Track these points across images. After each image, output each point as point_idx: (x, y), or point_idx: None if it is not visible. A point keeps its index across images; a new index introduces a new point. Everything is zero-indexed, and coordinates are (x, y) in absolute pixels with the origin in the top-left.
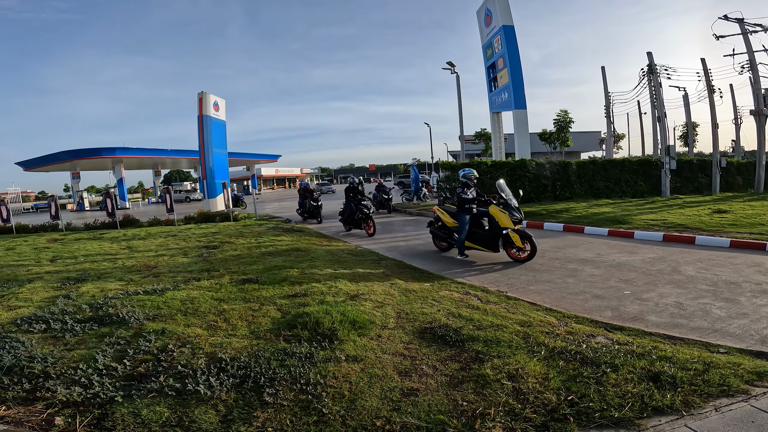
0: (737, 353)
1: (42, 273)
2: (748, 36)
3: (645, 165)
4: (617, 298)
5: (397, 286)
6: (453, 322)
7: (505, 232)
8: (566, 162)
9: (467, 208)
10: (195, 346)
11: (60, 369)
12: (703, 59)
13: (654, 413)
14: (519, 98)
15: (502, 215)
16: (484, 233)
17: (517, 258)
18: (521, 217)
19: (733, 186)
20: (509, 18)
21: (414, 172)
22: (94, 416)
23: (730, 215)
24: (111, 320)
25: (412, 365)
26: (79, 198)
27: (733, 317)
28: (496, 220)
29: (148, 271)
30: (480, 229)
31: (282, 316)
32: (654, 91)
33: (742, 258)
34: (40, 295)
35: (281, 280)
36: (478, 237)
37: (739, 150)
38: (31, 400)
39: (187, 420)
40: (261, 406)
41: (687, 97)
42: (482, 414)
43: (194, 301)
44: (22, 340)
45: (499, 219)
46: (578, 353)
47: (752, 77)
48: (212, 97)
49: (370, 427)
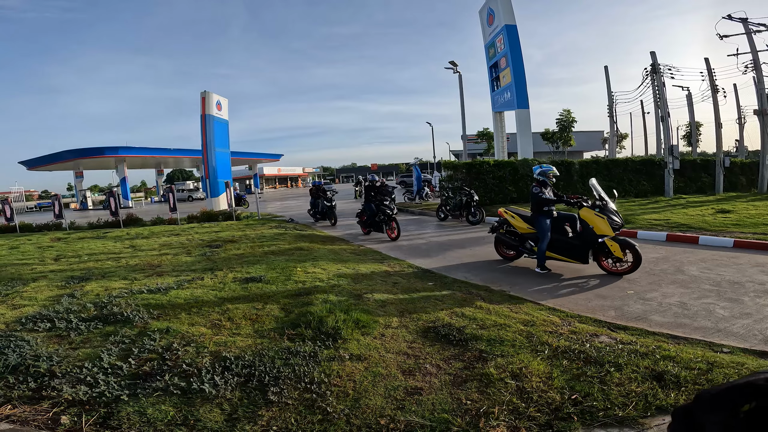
0: (741, 353)
1: (46, 272)
2: (752, 35)
3: (648, 165)
4: (621, 297)
5: (399, 285)
6: (456, 321)
7: (601, 241)
8: (569, 161)
9: (546, 211)
10: (199, 344)
11: (65, 368)
12: (706, 59)
13: (658, 412)
14: (521, 98)
15: (599, 220)
16: (569, 241)
17: (613, 270)
18: (622, 222)
19: (736, 186)
20: (512, 17)
21: (416, 172)
22: (99, 415)
23: (733, 215)
24: (115, 319)
25: (415, 364)
26: (83, 197)
27: (736, 317)
28: (591, 225)
29: (152, 270)
30: (562, 235)
31: (286, 315)
32: (657, 90)
33: (745, 258)
34: (44, 293)
35: (285, 279)
36: (561, 245)
37: (742, 150)
38: (37, 399)
39: (192, 419)
40: (265, 404)
41: (690, 97)
42: (486, 413)
43: (198, 300)
44: (27, 339)
45: (595, 224)
46: (582, 352)
47: (756, 77)
48: (215, 96)
49: (375, 425)
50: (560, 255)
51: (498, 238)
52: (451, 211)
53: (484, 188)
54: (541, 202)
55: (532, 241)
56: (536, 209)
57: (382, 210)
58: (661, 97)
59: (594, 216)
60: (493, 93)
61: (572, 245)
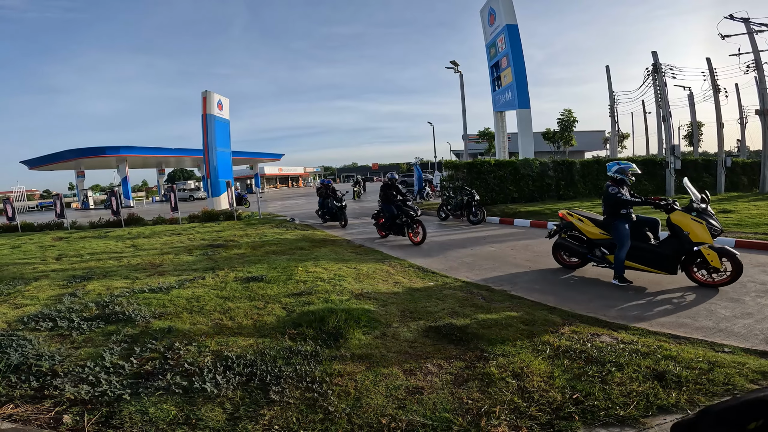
0: (742, 353)
1: (48, 271)
2: (753, 35)
3: (649, 164)
4: (622, 297)
5: (401, 285)
6: (457, 321)
7: (697, 249)
8: (570, 161)
9: (625, 214)
10: (201, 344)
11: (67, 367)
12: (708, 59)
13: (659, 412)
14: (522, 97)
15: (697, 225)
16: (654, 249)
17: (708, 282)
18: (721, 228)
19: (738, 186)
20: (513, 17)
21: (417, 171)
22: (101, 414)
23: (734, 215)
24: (117, 318)
25: (417, 363)
26: (84, 196)
27: (737, 317)
28: (686, 231)
29: (154, 269)
30: (643, 242)
31: (287, 314)
32: (659, 90)
33: (747, 258)
34: (46, 293)
35: (286, 279)
36: (642, 254)
37: (744, 150)
38: (39, 398)
39: (194, 418)
40: (267, 404)
41: (692, 97)
42: (487, 412)
43: (200, 299)
44: (29, 338)
45: (692, 230)
46: (583, 352)
47: (758, 77)
48: (216, 96)
49: (376, 425)
50: (641, 264)
51: (559, 244)
52: (452, 211)
53: (485, 188)
54: (619, 204)
55: (604, 248)
56: (613, 212)
57: (405, 211)
58: (663, 97)
59: (690, 221)
60: (494, 93)
61: (657, 253)
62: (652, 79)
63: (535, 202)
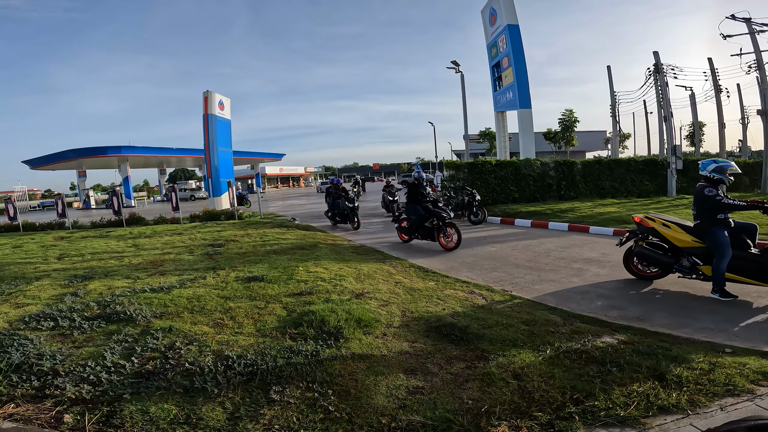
0: (743, 353)
1: (49, 270)
2: (755, 35)
3: (651, 165)
4: (623, 297)
5: (401, 285)
6: (458, 321)
7: None
8: (571, 161)
9: (722, 219)
10: (202, 343)
11: (68, 366)
12: (710, 59)
13: (659, 412)
14: (524, 97)
15: None
16: (756, 258)
17: None
18: None
19: (739, 186)
20: (514, 17)
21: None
22: (102, 413)
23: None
24: (119, 318)
25: (417, 363)
26: (86, 196)
27: (738, 317)
28: None
29: (155, 268)
30: (742, 250)
31: (288, 314)
32: (660, 90)
33: None
34: (47, 292)
35: (287, 279)
36: (741, 264)
37: (746, 150)
38: (40, 398)
39: (194, 417)
40: (268, 403)
41: (693, 97)
42: (488, 412)
43: (201, 299)
44: (31, 338)
45: None
46: (584, 352)
47: (759, 76)
48: (217, 96)
49: (376, 424)
50: (740, 276)
51: (637, 252)
52: (453, 211)
53: (486, 188)
54: (718, 208)
55: (696, 258)
56: (710, 217)
57: (436, 213)
58: (664, 97)
59: None
60: (495, 93)
61: (762, 264)
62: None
63: (536, 202)
